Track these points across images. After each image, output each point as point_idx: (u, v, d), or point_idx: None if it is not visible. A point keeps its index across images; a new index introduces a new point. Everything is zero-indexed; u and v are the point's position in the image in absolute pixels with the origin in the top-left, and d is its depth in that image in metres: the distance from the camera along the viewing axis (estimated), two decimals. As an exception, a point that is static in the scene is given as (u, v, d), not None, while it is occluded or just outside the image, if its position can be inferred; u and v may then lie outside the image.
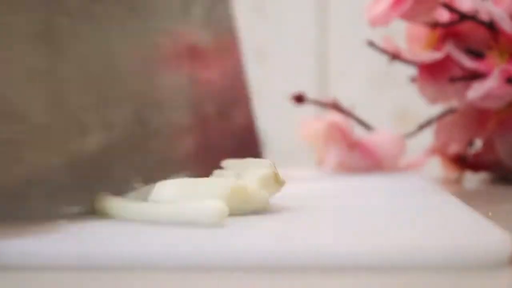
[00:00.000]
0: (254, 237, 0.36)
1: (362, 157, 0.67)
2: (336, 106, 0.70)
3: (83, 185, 0.43)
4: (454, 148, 0.69)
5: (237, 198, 0.42)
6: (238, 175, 0.45)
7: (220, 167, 0.46)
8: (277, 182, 0.45)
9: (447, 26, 0.64)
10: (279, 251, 0.33)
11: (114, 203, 0.42)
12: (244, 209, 0.42)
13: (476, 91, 0.60)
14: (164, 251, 0.33)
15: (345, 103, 0.71)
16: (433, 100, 0.65)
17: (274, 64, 1.39)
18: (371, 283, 0.31)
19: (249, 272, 0.32)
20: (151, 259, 0.33)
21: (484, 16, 0.63)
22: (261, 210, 0.43)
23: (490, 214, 0.46)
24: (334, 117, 0.69)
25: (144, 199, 0.43)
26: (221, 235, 0.36)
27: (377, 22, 0.63)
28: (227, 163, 0.47)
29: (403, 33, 0.67)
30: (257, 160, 0.46)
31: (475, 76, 0.62)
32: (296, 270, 0.32)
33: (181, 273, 0.33)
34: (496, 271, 0.32)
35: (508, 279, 0.32)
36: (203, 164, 0.52)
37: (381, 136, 0.68)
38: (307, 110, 0.95)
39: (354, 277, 0.32)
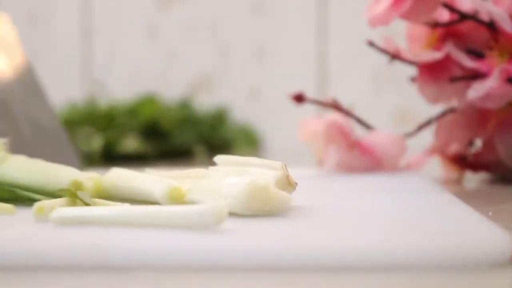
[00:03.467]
0: (256, 237, 0.36)
1: (362, 157, 0.67)
2: (336, 106, 0.70)
3: None
4: (454, 148, 0.69)
5: (258, 199, 0.41)
6: (239, 172, 0.45)
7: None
8: (290, 184, 0.44)
9: (447, 26, 0.64)
10: (281, 251, 0.33)
11: (110, 208, 0.42)
12: (264, 210, 0.41)
13: (476, 91, 0.60)
14: (165, 252, 0.33)
15: (345, 103, 0.71)
16: (433, 100, 0.65)
17: (274, 64, 1.39)
18: (371, 283, 0.31)
19: (252, 272, 0.32)
20: (149, 259, 0.33)
21: (484, 16, 0.63)
22: (281, 211, 0.42)
23: (490, 214, 0.46)
24: (334, 117, 0.69)
25: None
26: (222, 236, 0.36)
27: (377, 22, 0.63)
28: (220, 159, 0.47)
29: (403, 33, 0.67)
30: (264, 160, 0.46)
31: (475, 76, 0.62)
32: (297, 270, 0.32)
33: (181, 273, 0.33)
34: (496, 271, 0.32)
35: (508, 278, 0.32)
36: None
37: (381, 136, 0.68)
38: (307, 110, 0.95)
39: (354, 277, 0.32)
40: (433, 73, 0.64)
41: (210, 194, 0.41)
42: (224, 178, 0.42)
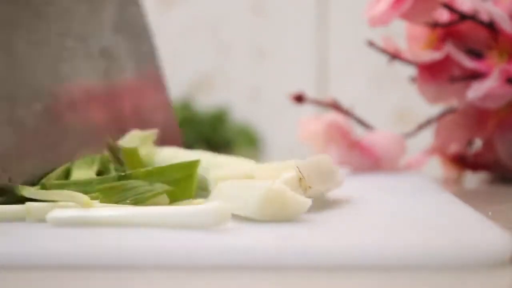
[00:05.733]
0: (256, 237, 0.36)
1: (362, 157, 0.67)
2: (336, 106, 0.70)
3: None
4: (454, 148, 0.69)
5: (273, 203, 0.39)
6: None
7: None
8: (303, 188, 0.43)
9: (447, 26, 0.64)
10: (281, 251, 0.33)
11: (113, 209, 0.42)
12: (280, 215, 0.39)
13: (476, 91, 0.60)
14: (164, 252, 0.33)
15: (345, 103, 0.71)
16: (433, 100, 0.65)
17: (274, 64, 1.39)
18: (371, 283, 0.31)
19: (253, 272, 0.32)
20: (150, 259, 0.33)
21: (484, 16, 0.63)
22: (297, 217, 0.40)
23: (490, 213, 0.46)
24: (334, 116, 0.69)
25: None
26: (223, 236, 0.36)
27: (377, 22, 0.63)
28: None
29: (403, 33, 0.67)
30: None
31: (475, 76, 0.62)
32: (297, 270, 0.32)
33: (181, 272, 0.33)
34: (496, 271, 0.32)
35: (508, 278, 0.32)
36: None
37: (381, 136, 0.68)
38: (307, 110, 0.95)
39: (354, 277, 0.32)
40: (433, 73, 0.64)
41: (228, 198, 0.41)
42: (245, 182, 0.41)
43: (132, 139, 0.50)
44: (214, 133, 1.31)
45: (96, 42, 0.55)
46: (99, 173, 0.48)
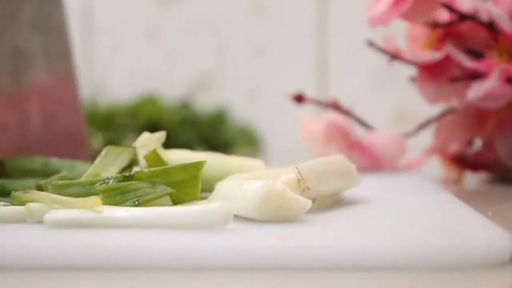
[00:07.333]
0: (257, 237, 0.36)
1: (362, 157, 0.67)
2: (336, 106, 0.70)
3: None
4: (454, 148, 0.69)
5: (273, 203, 0.39)
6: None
7: None
8: (301, 189, 0.42)
9: (447, 26, 0.64)
10: (282, 251, 0.33)
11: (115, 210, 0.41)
12: (281, 215, 0.40)
13: (476, 91, 0.60)
14: (169, 252, 0.33)
15: (345, 103, 0.71)
16: (433, 100, 0.65)
17: (273, 64, 1.39)
18: (371, 283, 0.31)
19: (252, 272, 0.33)
20: (149, 260, 0.33)
21: (484, 16, 0.63)
22: (296, 218, 0.40)
23: (490, 214, 0.46)
24: (334, 116, 0.69)
25: None
26: (223, 236, 0.36)
27: (377, 22, 0.63)
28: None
29: (403, 33, 0.67)
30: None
31: (475, 76, 0.62)
32: (298, 270, 0.32)
33: (182, 272, 0.33)
34: (496, 271, 0.32)
35: (509, 278, 0.32)
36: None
37: (381, 136, 0.68)
38: (307, 110, 0.95)
39: (353, 277, 0.32)
40: (433, 73, 0.64)
41: (227, 198, 0.41)
42: (245, 182, 0.41)
43: (146, 141, 0.50)
44: (214, 133, 1.31)
45: (9, 42, 0.55)
46: (126, 168, 0.48)
